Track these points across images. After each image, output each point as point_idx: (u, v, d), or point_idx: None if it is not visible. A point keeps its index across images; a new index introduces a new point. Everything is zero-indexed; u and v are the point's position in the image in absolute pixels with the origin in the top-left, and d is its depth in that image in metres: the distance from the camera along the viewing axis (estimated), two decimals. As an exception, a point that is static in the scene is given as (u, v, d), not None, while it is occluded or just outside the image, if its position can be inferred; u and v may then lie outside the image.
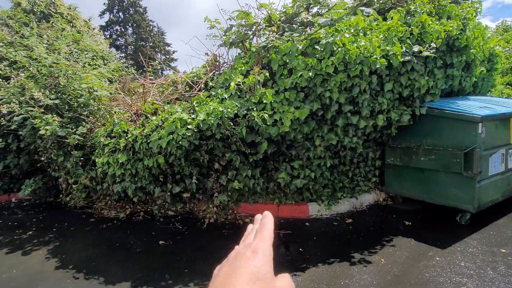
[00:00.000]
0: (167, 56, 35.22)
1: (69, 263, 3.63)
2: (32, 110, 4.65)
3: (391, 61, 3.63)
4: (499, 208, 4.29)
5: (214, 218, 4.52)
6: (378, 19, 4.13)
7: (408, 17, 4.12)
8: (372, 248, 3.63)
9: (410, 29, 3.94)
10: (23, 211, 5.84)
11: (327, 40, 3.49)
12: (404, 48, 3.75)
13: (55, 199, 6.11)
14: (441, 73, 4.19)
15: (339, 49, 3.43)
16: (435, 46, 3.88)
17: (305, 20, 4.00)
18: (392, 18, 3.99)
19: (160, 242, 4.05)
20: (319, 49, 3.60)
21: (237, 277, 0.38)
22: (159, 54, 34.45)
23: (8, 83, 5.26)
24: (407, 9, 4.21)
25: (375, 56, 3.52)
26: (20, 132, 5.16)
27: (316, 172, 4.36)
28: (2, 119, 4.87)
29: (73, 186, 4.87)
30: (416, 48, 3.80)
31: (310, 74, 3.48)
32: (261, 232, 0.45)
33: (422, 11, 4.14)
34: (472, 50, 4.49)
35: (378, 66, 3.51)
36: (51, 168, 5.40)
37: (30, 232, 4.67)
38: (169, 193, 4.23)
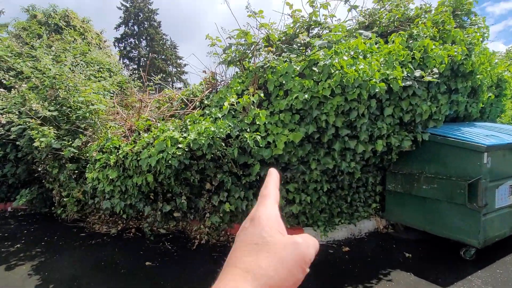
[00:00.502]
0: (178, 69, 35.93)
1: (51, 281, 3.51)
2: (30, 121, 4.67)
3: (391, 86, 3.51)
4: (506, 243, 4.02)
5: (205, 239, 4.37)
6: (379, 42, 4.05)
7: (411, 41, 4.02)
8: (368, 281, 3.41)
9: (412, 53, 3.83)
10: (17, 221, 5.78)
11: (324, 62, 3.41)
12: (405, 73, 3.64)
13: (50, 210, 6.06)
14: (445, 99, 4.04)
15: (337, 71, 3.33)
16: (437, 71, 3.75)
17: (303, 41, 3.94)
18: (393, 42, 3.89)
19: (147, 263, 3.90)
20: (317, 71, 3.52)
21: (236, 253, 0.37)
22: (170, 66, 35.19)
23: (10, 93, 5.32)
24: (409, 33, 4.12)
25: (374, 80, 3.41)
26: (18, 142, 5.17)
27: (312, 196, 4.19)
28: (1, 128, 4.89)
29: (65, 199, 4.80)
30: (417, 73, 3.68)
31: (306, 96, 3.38)
32: (261, 194, 0.43)
33: (425, 36, 4.04)
34: (478, 76, 4.34)
35: (377, 90, 3.39)
36: (46, 180, 5.38)
37: (19, 245, 4.58)
38: (159, 212, 4.11)
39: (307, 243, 0.39)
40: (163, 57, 34.28)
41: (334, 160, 3.82)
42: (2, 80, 5.46)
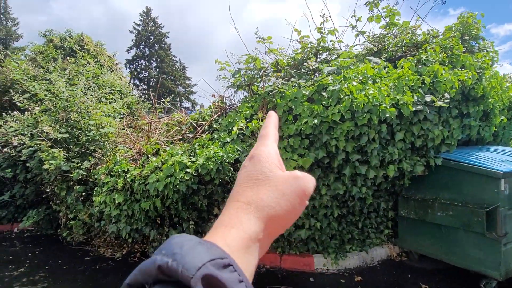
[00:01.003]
0: (187, 89, 36.71)
1: (53, 310, 3.41)
2: (40, 144, 4.73)
3: (401, 110, 3.47)
4: (530, 275, 3.79)
5: (212, 265, 4.24)
6: (388, 67, 4.05)
7: (420, 66, 4.02)
8: (383, 316, 3.22)
9: (421, 78, 3.82)
10: (22, 243, 5.73)
11: (333, 88, 3.40)
12: (415, 97, 3.61)
13: (55, 232, 6.01)
14: (457, 123, 3.97)
15: (346, 97, 3.32)
16: (448, 96, 3.71)
17: (311, 67, 3.98)
18: (402, 67, 3.90)
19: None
20: (326, 96, 3.51)
21: (238, 188, 0.39)
22: (179, 87, 36.00)
23: (23, 115, 5.44)
24: (418, 58, 4.13)
25: (384, 105, 3.38)
26: (28, 164, 5.22)
27: (322, 222, 4.07)
28: (12, 150, 4.96)
29: (71, 221, 4.76)
30: (428, 98, 3.64)
31: (316, 121, 3.36)
32: (260, 135, 0.45)
33: (434, 61, 4.04)
34: (490, 100, 4.29)
35: (387, 115, 3.35)
36: (53, 201, 5.37)
37: (22, 269, 4.51)
38: (165, 237, 4.02)
39: (306, 178, 0.40)
40: (172, 77, 35.18)
41: (345, 185, 3.73)
42: (17, 103, 5.61)
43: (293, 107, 3.58)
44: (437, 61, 4.06)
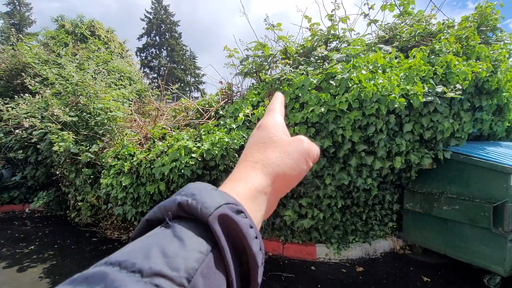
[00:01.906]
0: (196, 79, 36.68)
1: (60, 286, 3.52)
2: (51, 126, 4.81)
3: (411, 101, 3.40)
4: (536, 273, 3.73)
5: (215, 250, 4.30)
6: (399, 57, 3.96)
7: (432, 57, 3.91)
8: (383, 306, 3.23)
9: (433, 68, 3.71)
10: (33, 222, 5.92)
11: (342, 76, 3.35)
12: (426, 88, 3.52)
13: (64, 213, 6.18)
14: (468, 116, 3.87)
15: (354, 85, 3.26)
16: (461, 87, 3.61)
17: (320, 54, 3.90)
18: (414, 57, 3.79)
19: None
20: (334, 84, 3.46)
21: (246, 151, 0.42)
22: (189, 76, 35.99)
23: (35, 98, 5.53)
24: (431, 48, 4.01)
25: (393, 95, 3.31)
26: (39, 146, 5.34)
27: (325, 213, 4.07)
28: (24, 132, 5.07)
29: (79, 203, 4.87)
30: (439, 89, 3.55)
31: (322, 109, 3.32)
32: (268, 109, 0.49)
33: (447, 51, 3.92)
34: (504, 93, 4.15)
35: (396, 105, 3.29)
36: (63, 183, 5.49)
37: (33, 247, 4.66)
38: (169, 221, 4.08)
39: (310, 142, 0.43)
40: (182, 67, 35.14)
41: (350, 176, 3.70)
42: (28, 86, 5.70)
43: (300, 95, 3.54)
44: (451, 52, 3.94)
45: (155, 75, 34.22)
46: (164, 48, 35.92)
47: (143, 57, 34.90)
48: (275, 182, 0.38)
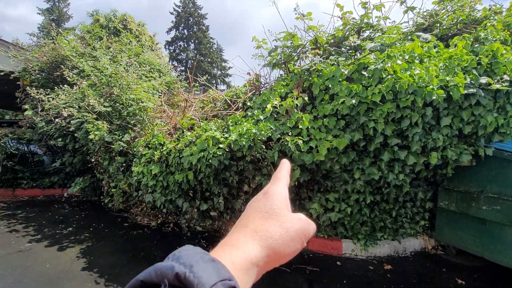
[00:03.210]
0: (223, 72, 36.98)
1: (95, 266, 3.74)
2: (87, 116, 5.07)
3: (451, 93, 3.18)
4: None
5: (239, 241, 4.35)
6: (438, 46, 3.70)
7: (476, 45, 3.62)
8: (412, 307, 3.11)
9: (477, 58, 3.44)
10: (70, 206, 6.32)
11: (375, 66, 3.19)
12: (468, 79, 3.27)
13: (99, 199, 6.54)
14: (515, 110, 3.57)
15: (389, 76, 3.10)
16: (508, 79, 3.32)
17: (353, 44, 3.74)
18: (456, 46, 3.53)
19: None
20: (366, 75, 3.31)
21: (248, 217, 0.43)
22: (215, 69, 36.37)
23: (72, 89, 5.84)
24: (475, 36, 3.71)
25: (431, 87, 3.11)
26: (76, 134, 5.65)
27: (353, 208, 3.96)
28: (63, 121, 5.38)
29: (113, 189, 5.12)
30: (483, 80, 3.29)
31: (354, 101, 3.20)
32: (275, 176, 0.50)
33: (494, 39, 3.61)
34: (558, 86, 3.77)
35: (434, 97, 3.09)
36: (97, 170, 5.79)
37: (70, 228, 4.98)
38: (196, 210, 4.18)
39: (309, 221, 0.44)
40: (209, 60, 35.54)
41: (381, 171, 3.56)
42: (67, 77, 6.02)
43: (330, 86, 3.44)
44: (498, 40, 3.63)
45: (183, 68, 34.90)
46: (192, 41, 36.47)
47: (172, 50, 35.68)
48: (269, 256, 0.39)
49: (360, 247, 4.13)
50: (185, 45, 36.46)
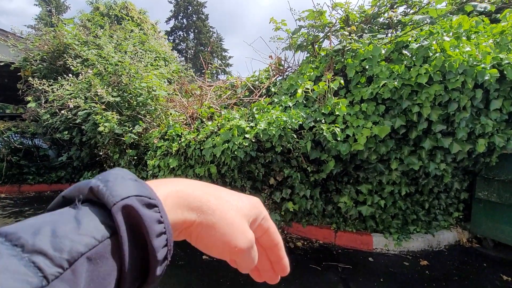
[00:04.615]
0: (223, 61, 36.36)
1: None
2: (95, 106, 4.75)
3: (504, 72, 2.84)
4: None
5: (262, 236, 4.10)
6: (484, 21, 3.34)
7: (530, 19, 3.26)
8: (461, 307, 2.86)
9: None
10: (79, 202, 6.06)
11: (420, 44, 2.85)
12: (523, 57, 2.93)
13: (109, 193, 6.27)
14: None
15: (437, 54, 2.76)
16: None
17: (391, 20, 3.38)
18: (507, 20, 3.17)
19: (204, 257, 3.73)
20: (408, 54, 2.97)
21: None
22: (216, 59, 35.73)
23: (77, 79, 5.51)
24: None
25: (483, 65, 2.78)
26: (83, 127, 5.34)
27: (387, 200, 3.68)
28: (68, 113, 5.06)
29: (125, 184, 4.83)
30: (540, 57, 2.94)
31: (396, 83, 2.87)
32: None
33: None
34: None
35: (487, 77, 2.76)
36: (107, 164, 5.50)
37: (81, 226, 4.73)
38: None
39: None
40: (209, 49, 34.88)
41: (421, 160, 3.26)
42: (70, 67, 5.67)
43: (367, 67, 3.10)
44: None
45: (183, 58, 34.27)
46: (191, 30, 35.70)
47: (171, 40, 34.97)
48: (203, 221, 0.36)
49: (393, 242, 3.87)
50: (185, 35, 35.72)
